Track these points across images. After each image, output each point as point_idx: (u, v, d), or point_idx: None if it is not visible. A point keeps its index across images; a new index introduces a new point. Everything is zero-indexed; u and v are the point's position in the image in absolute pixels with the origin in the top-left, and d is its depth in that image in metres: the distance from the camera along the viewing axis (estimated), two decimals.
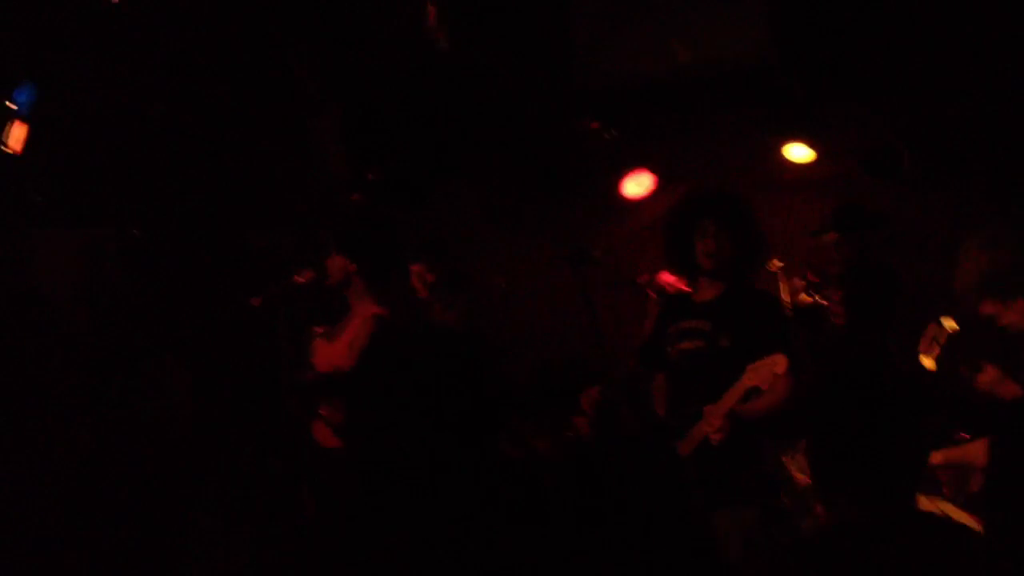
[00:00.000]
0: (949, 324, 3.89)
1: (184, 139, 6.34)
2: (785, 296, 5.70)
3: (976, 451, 3.71)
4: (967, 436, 3.96)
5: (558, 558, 2.12)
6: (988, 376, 3.67)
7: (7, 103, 5.66)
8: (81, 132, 6.15)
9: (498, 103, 6.13)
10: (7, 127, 5.64)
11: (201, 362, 6.22)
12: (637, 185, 6.67)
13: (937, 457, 3.70)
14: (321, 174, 6.44)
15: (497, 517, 2.20)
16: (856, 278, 5.62)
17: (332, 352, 4.38)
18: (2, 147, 5.63)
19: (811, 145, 6.29)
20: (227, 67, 6.04)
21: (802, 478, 4.46)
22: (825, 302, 5.48)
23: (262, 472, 5.51)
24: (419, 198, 6.55)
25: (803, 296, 5.65)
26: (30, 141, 5.77)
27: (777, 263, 5.58)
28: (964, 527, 2.47)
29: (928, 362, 4.03)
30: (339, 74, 6.05)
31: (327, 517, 4.36)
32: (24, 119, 5.70)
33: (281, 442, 5.22)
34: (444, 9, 4.83)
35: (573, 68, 5.47)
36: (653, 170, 6.63)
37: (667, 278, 5.59)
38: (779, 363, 4.02)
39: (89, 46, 5.85)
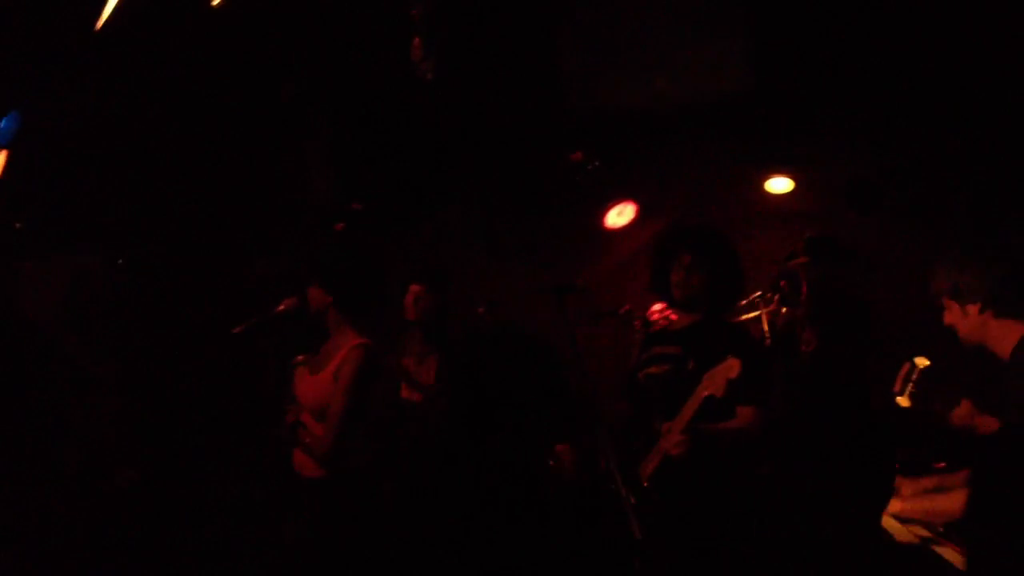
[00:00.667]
0: (921, 362, 3.95)
1: (171, 165, 6.35)
2: (765, 326, 5.77)
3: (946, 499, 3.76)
4: (942, 465, 4.01)
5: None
6: (963, 410, 3.77)
7: None
8: (66, 158, 6.16)
9: (484, 131, 6.17)
10: None
11: (184, 389, 6.23)
12: (620, 215, 6.71)
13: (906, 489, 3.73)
14: (310, 201, 6.45)
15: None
16: (825, 307, 5.75)
17: (315, 384, 4.37)
18: None
19: (792, 177, 6.36)
20: (216, 93, 6.06)
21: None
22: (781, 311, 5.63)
23: (245, 500, 5.52)
24: (406, 225, 6.58)
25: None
26: (12, 168, 5.77)
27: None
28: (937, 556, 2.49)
29: (903, 401, 4.08)
30: (329, 100, 6.08)
31: (308, 544, 4.35)
32: (5, 147, 5.71)
33: (264, 471, 5.22)
34: (430, 40, 4.87)
35: (560, 97, 5.51)
36: (636, 201, 6.68)
37: (656, 309, 5.66)
38: (732, 367, 3.97)
39: (76, 71, 5.86)
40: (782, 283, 5.82)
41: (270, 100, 6.16)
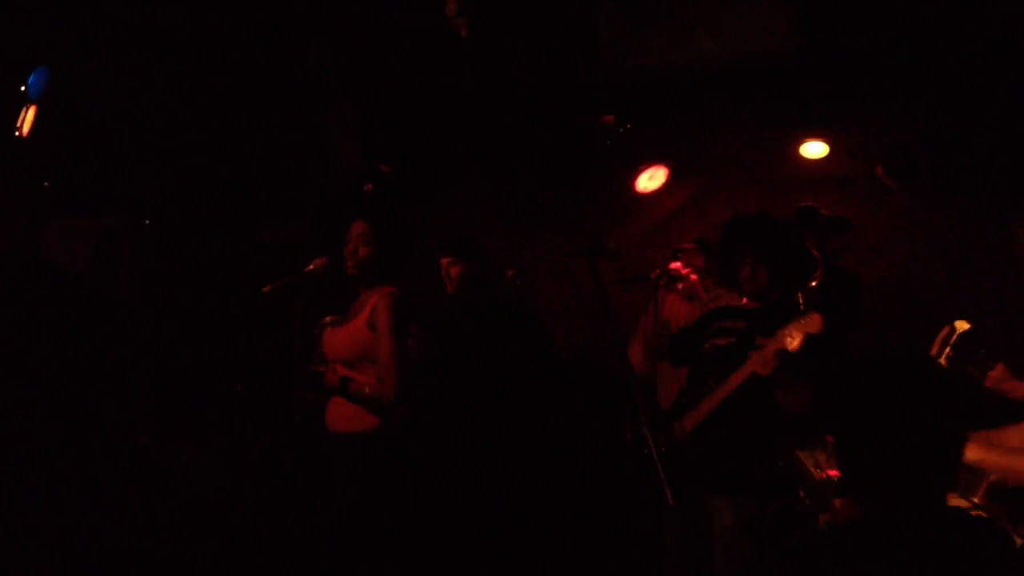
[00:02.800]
0: (962, 325, 3.89)
1: (197, 129, 6.30)
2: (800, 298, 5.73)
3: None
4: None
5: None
6: (997, 373, 3.75)
7: (20, 87, 5.63)
8: (94, 120, 6.12)
9: (517, 96, 6.10)
10: (21, 113, 5.61)
11: (213, 353, 6.21)
12: (651, 179, 6.64)
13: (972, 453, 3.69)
14: (335, 166, 6.40)
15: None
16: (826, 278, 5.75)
17: (347, 334, 4.35)
18: (15, 133, 5.60)
19: (828, 143, 6.28)
20: (242, 57, 6.00)
21: (818, 473, 4.46)
22: None
23: (273, 466, 5.49)
24: (434, 191, 6.53)
25: None
26: (40, 127, 5.74)
27: None
28: (995, 524, 2.42)
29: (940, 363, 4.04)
30: (355, 65, 6.01)
31: (334, 514, 4.32)
32: (35, 103, 5.67)
33: (292, 436, 5.19)
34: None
35: (594, 59, 5.43)
36: (667, 164, 6.61)
37: (677, 264, 5.64)
38: (814, 321, 3.98)
39: (103, 33, 5.81)
40: None
41: (296, 63, 6.10)
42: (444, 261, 5.56)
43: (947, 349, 3.95)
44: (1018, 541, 3.68)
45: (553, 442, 2.09)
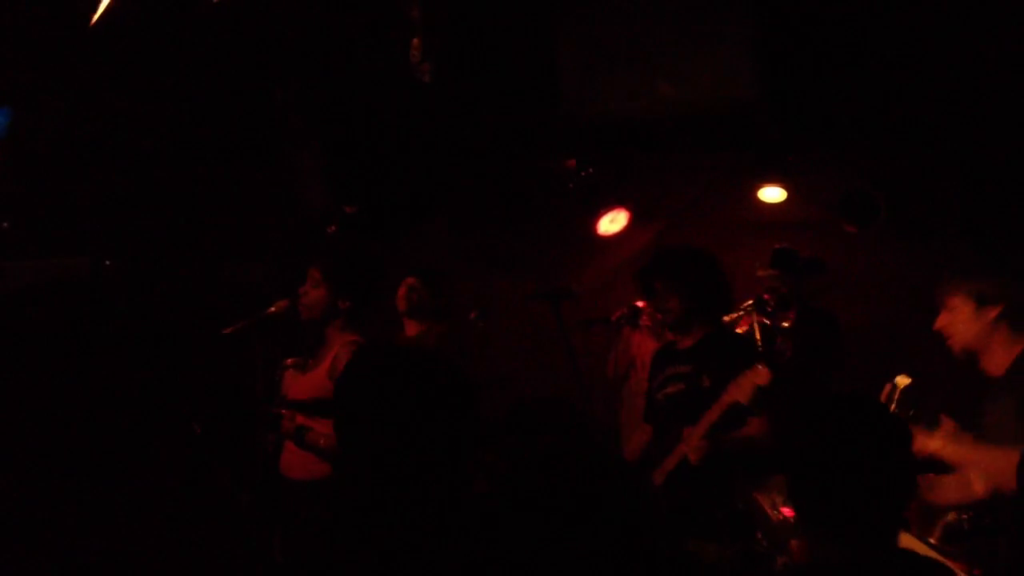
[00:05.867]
0: (902, 381, 3.95)
1: (162, 167, 6.29)
2: (757, 335, 5.79)
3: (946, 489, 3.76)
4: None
5: None
6: (945, 430, 3.77)
7: None
8: (54, 158, 6.09)
9: (481, 139, 6.15)
10: None
11: (174, 395, 6.16)
12: (612, 222, 6.70)
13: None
14: (301, 206, 6.41)
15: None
16: (801, 318, 5.82)
17: (308, 382, 4.34)
18: None
19: (785, 187, 6.38)
20: (208, 96, 6.01)
21: (775, 515, 4.49)
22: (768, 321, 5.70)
23: (233, 505, 5.45)
24: (397, 232, 6.55)
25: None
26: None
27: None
28: (945, 568, 2.46)
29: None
30: (322, 106, 6.04)
31: (295, 550, 4.30)
32: None
33: (252, 475, 5.16)
34: (429, 43, 4.84)
35: (558, 106, 5.49)
36: (629, 208, 6.67)
37: (642, 304, 5.70)
38: (760, 374, 4.03)
39: (65, 71, 5.80)
40: (765, 296, 5.86)
41: (263, 104, 6.11)
42: (411, 281, 5.55)
43: (891, 406, 4.01)
44: None
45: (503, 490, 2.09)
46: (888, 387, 3.94)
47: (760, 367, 4.04)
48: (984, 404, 3.45)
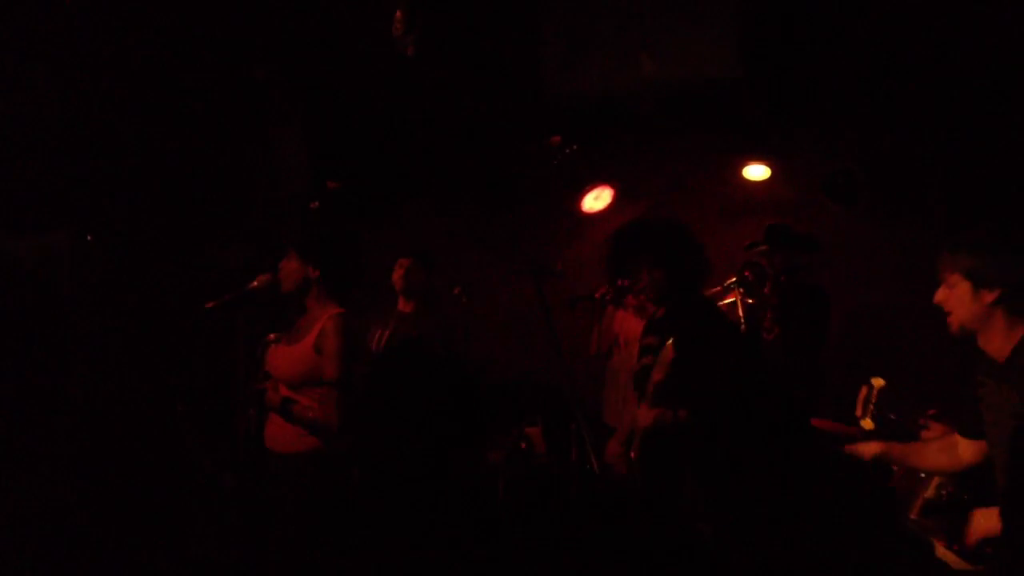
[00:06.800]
0: (877, 382, 3.94)
1: (144, 146, 6.26)
2: (740, 312, 5.79)
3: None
4: None
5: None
6: (934, 432, 3.79)
7: None
8: (37, 135, 6.05)
9: (464, 117, 6.13)
10: None
11: (156, 369, 6.15)
12: (597, 200, 6.69)
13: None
14: (283, 185, 6.39)
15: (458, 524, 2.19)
16: (787, 296, 5.81)
17: (292, 355, 4.32)
18: None
19: (769, 166, 6.37)
20: (190, 74, 5.98)
21: None
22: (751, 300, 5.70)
23: (216, 485, 5.44)
24: (380, 211, 6.54)
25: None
26: None
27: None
28: None
29: (868, 424, 4.07)
30: (304, 84, 6.01)
31: (282, 527, 4.29)
32: None
33: (236, 454, 5.16)
34: (412, 18, 4.81)
35: (541, 84, 5.48)
36: (613, 185, 6.66)
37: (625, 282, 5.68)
38: (667, 350, 3.97)
39: (47, 48, 5.76)
40: (746, 272, 5.86)
41: (245, 82, 6.08)
42: (406, 262, 5.71)
43: (870, 407, 4.00)
44: (951, 556, 3.74)
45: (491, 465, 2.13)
46: (864, 390, 3.94)
47: (669, 343, 3.98)
48: (981, 391, 3.36)
